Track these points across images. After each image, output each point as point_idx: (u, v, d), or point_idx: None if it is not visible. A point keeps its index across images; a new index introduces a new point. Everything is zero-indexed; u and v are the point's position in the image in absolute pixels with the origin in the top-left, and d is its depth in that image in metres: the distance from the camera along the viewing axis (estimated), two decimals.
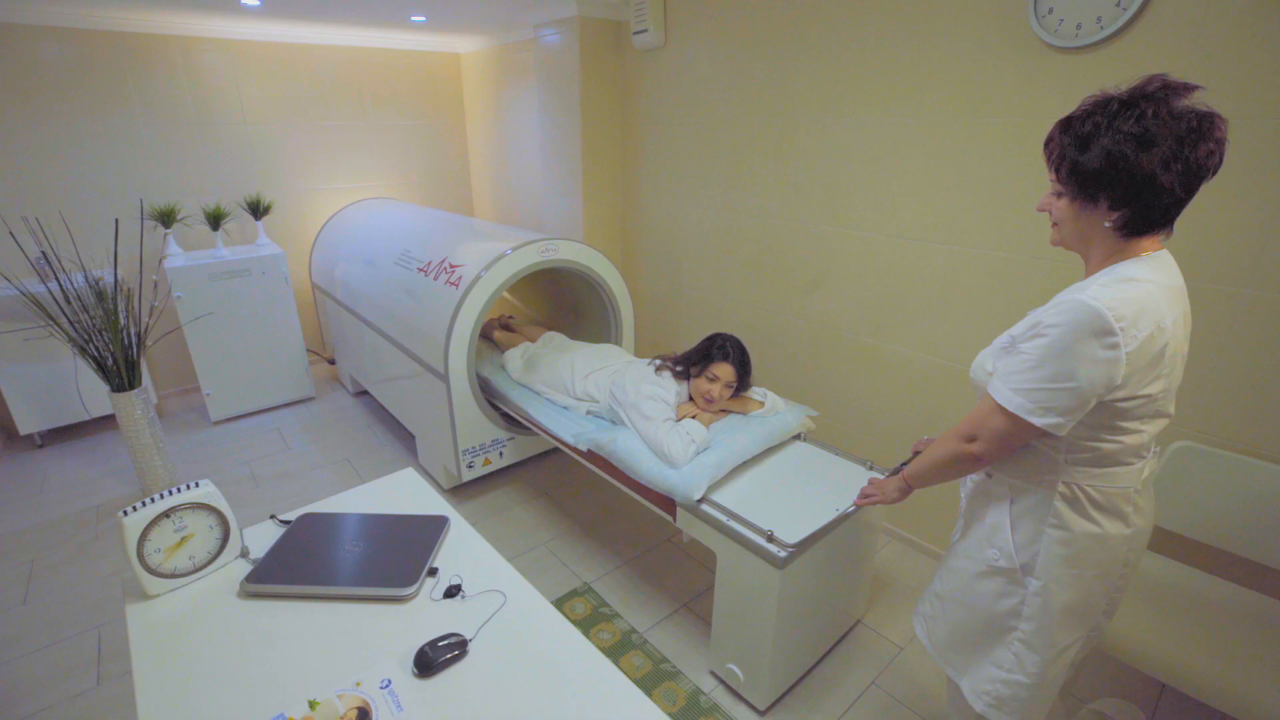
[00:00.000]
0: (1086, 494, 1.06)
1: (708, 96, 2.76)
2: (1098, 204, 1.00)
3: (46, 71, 3.07)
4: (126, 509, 1.12)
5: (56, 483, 2.93)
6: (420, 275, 2.67)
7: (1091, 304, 0.95)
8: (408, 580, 1.15)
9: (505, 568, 1.24)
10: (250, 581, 1.16)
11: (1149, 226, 1.00)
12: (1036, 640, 1.12)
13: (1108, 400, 0.98)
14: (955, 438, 1.14)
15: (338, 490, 2.84)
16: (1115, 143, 0.95)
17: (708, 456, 1.84)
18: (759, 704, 1.77)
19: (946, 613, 1.27)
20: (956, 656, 1.26)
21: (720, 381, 2.05)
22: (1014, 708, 1.16)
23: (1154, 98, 0.94)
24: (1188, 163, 0.93)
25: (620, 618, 2.12)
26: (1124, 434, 1.02)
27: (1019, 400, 1.02)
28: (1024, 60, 1.81)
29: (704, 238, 2.98)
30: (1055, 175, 1.06)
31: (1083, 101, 1.02)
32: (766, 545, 1.56)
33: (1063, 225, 1.08)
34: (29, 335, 2.97)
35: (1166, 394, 1.02)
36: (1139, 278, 0.98)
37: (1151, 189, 0.95)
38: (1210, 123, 0.93)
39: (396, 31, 3.69)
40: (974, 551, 1.19)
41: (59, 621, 2.13)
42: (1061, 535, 1.07)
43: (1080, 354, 0.95)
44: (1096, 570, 1.08)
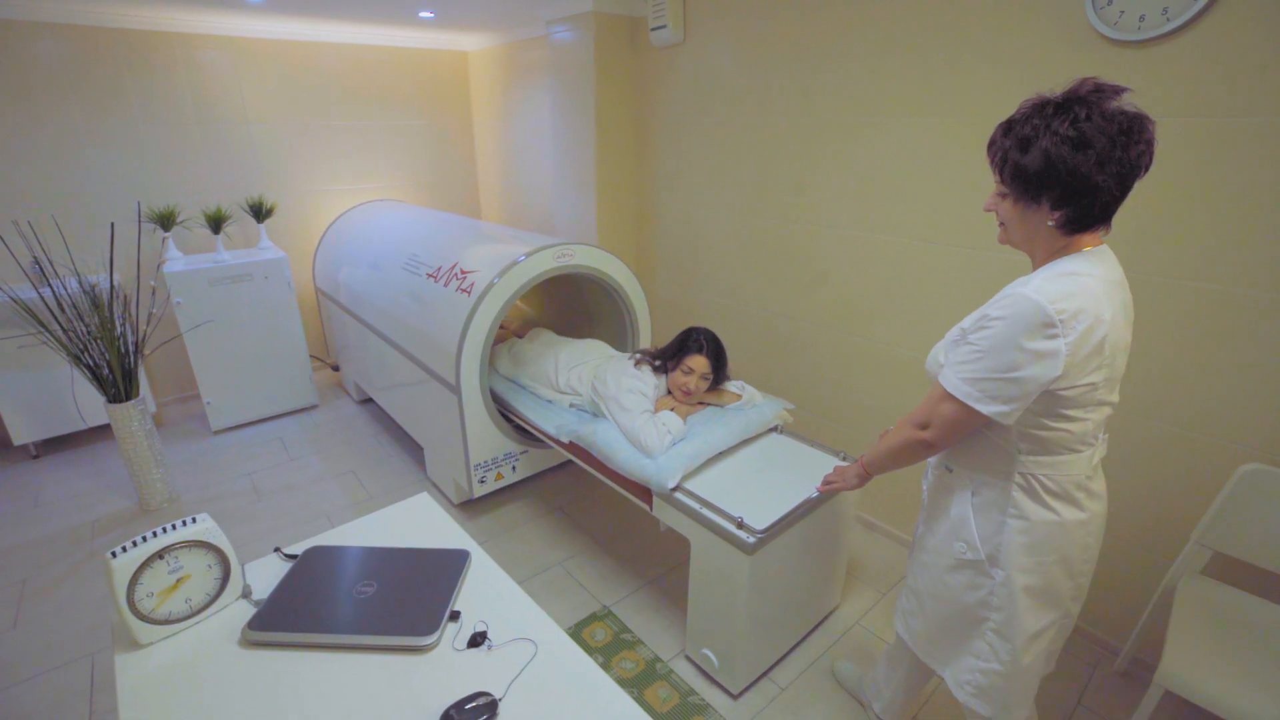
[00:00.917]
0: (1041, 483, 1.11)
1: (729, 95, 2.64)
2: (1040, 204, 1.05)
3: (40, 69, 2.96)
4: (115, 550, 1.01)
5: (51, 496, 2.82)
6: (430, 281, 2.55)
7: (1034, 297, 0.99)
8: (427, 627, 1.04)
9: (534, 610, 1.13)
10: (253, 629, 1.04)
11: (1088, 223, 1.04)
12: (1007, 628, 1.17)
13: (1052, 389, 1.03)
14: (909, 425, 1.19)
15: (342, 504, 2.74)
16: (1053, 145, 0.99)
17: (683, 447, 1.89)
18: (732, 688, 1.81)
19: (923, 608, 1.33)
20: (936, 650, 1.32)
21: (695, 374, 2.09)
22: (993, 696, 1.22)
23: (1086, 101, 0.99)
24: (1121, 163, 0.98)
25: (643, 644, 2.01)
26: (1070, 421, 1.07)
27: (966, 389, 1.07)
28: (1078, 55, 1.70)
29: (723, 241, 2.87)
30: (999, 177, 1.10)
31: (1021, 105, 1.06)
32: (736, 532, 1.61)
33: (1009, 225, 1.12)
34: (23, 342, 2.86)
35: (1109, 383, 1.07)
36: (1079, 272, 1.03)
37: (1089, 188, 0.99)
38: (1140, 124, 0.99)
39: (403, 29, 3.59)
40: (943, 546, 1.25)
41: (50, 648, 2.02)
42: (1022, 524, 1.13)
43: (1023, 345, 1.00)
44: (1057, 556, 1.13)
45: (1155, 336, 1.71)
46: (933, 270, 2.14)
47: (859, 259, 2.34)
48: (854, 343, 2.44)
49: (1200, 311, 1.64)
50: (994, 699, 1.22)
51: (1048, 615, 1.17)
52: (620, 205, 3.22)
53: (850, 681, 1.83)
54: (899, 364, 2.32)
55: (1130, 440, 1.81)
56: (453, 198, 4.48)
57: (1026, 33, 1.78)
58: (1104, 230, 1.08)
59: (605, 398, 2.12)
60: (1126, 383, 1.77)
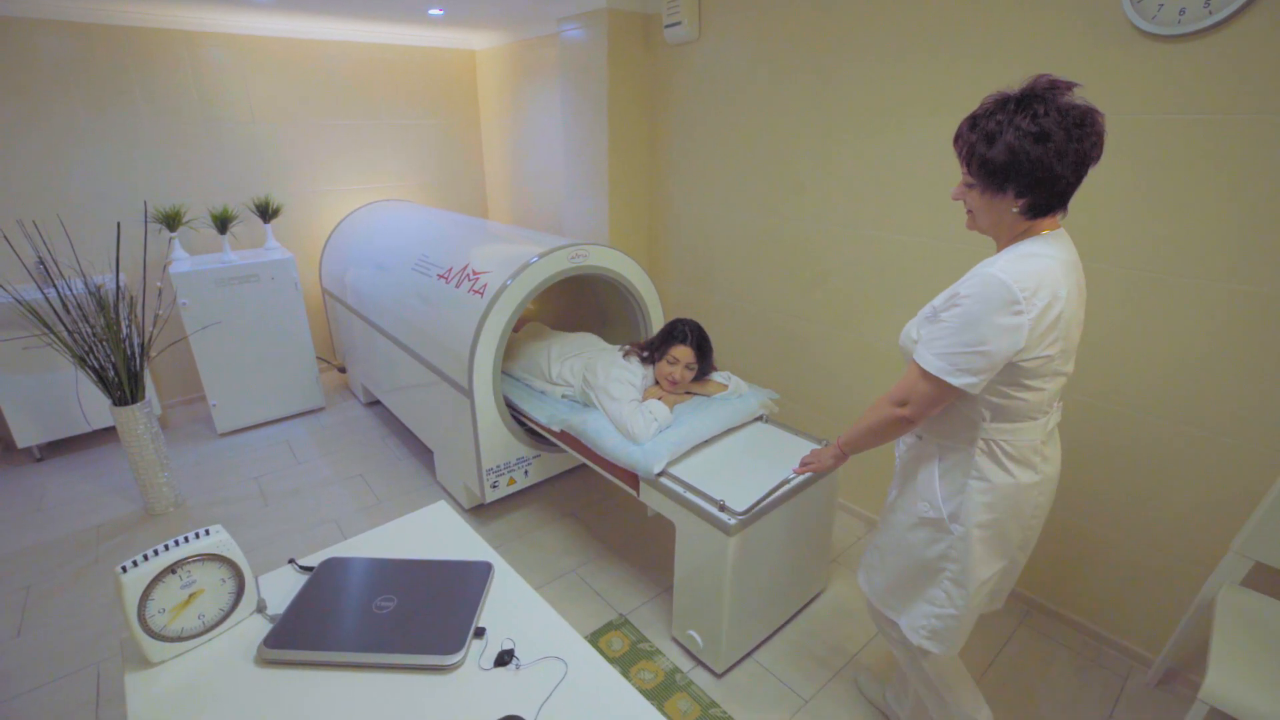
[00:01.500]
0: (1001, 448, 1.21)
1: (745, 93, 2.60)
2: (1005, 193, 1.13)
3: (45, 67, 2.92)
4: (125, 564, 0.96)
5: (55, 500, 2.77)
6: (441, 282, 2.51)
7: (1000, 276, 1.08)
8: (452, 645, 0.99)
9: (562, 626, 1.08)
10: (270, 646, 0.99)
11: (1048, 209, 1.14)
12: (963, 577, 1.27)
13: (1014, 361, 1.12)
14: (887, 403, 1.27)
15: (351, 509, 2.70)
16: (1016, 139, 1.07)
17: (669, 434, 1.95)
18: (716, 668, 1.86)
19: (885, 562, 1.43)
20: (894, 599, 1.42)
21: (680, 364, 2.15)
22: (945, 636, 1.33)
23: (1044, 97, 1.07)
24: (1077, 153, 1.07)
25: (662, 655, 1.96)
26: (1029, 391, 1.16)
27: (940, 364, 1.15)
28: (1113, 51, 1.65)
29: (738, 242, 2.82)
30: (966, 169, 1.17)
31: (984, 101, 1.14)
32: (718, 514, 1.66)
33: (977, 213, 1.21)
34: (27, 344, 2.82)
35: (1064, 354, 1.16)
36: (1039, 253, 1.12)
37: (1050, 177, 1.08)
38: (1091, 117, 1.08)
39: (411, 27, 3.54)
40: (908, 506, 1.35)
41: (55, 657, 1.97)
42: (982, 485, 1.22)
43: (991, 321, 1.09)
44: (1012, 514, 1.24)
45: (1192, 340, 1.66)
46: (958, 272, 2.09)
47: (879, 260, 2.29)
48: (876, 347, 2.39)
49: (1238, 314, 1.59)
50: (945, 638, 1.34)
51: (997, 563, 1.29)
52: (632, 205, 3.17)
53: (873, 693, 1.82)
54: None
55: (1167, 447, 1.76)
56: (460, 198, 4.44)
57: (1058, 28, 1.73)
58: (1061, 215, 1.17)
59: (595, 387, 2.18)
60: (1165, 389, 1.73)
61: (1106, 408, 1.85)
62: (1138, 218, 1.69)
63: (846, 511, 2.70)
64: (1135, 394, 1.79)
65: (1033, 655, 1.98)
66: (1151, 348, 1.74)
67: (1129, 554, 1.90)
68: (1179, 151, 1.60)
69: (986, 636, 2.05)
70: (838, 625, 2.10)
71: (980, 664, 1.95)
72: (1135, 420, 1.81)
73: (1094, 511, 1.95)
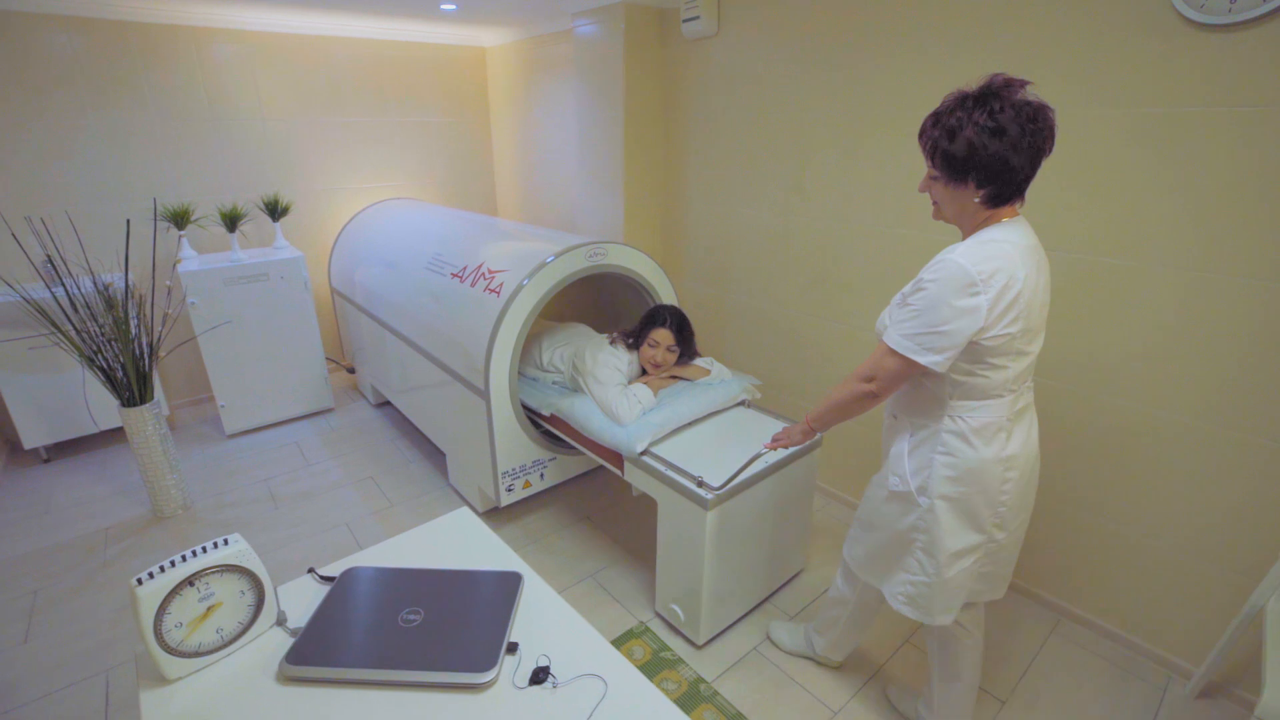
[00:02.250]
0: (968, 424, 1.28)
1: (764, 89, 2.54)
2: (966, 184, 1.21)
3: (53, 63, 2.88)
4: (140, 576, 0.91)
5: (62, 502, 2.73)
6: (455, 281, 2.46)
7: (959, 261, 1.17)
8: (484, 661, 0.94)
9: (598, 641, 1.03)
10: (292, 662, 0.94)
11: (1006, 198, 1.22)
12: (932, 547, 1.35)
13: (977, 340, 1.19)
14: (855, 380, 1.34)
15: (362, 512, 2.65)
16: (975, 134, 1.15)
17: (652, 416, 2.04)
18: (696, 640, 1.94)
19: (864, 534, 1.53)
20: (875, 568, 1.52)
21: (661, 346, 2.25)
22: (920, 603, 1.42)
23: (999, 94, 1.15)
24: (1030, 146, 1.15)
25: (684, 664, 1.90)
26: (993, 369, 1.24)
27: (906, 343, 1.23)
28: (1158, 41, 1.59)
29: (756, 241, 2.76)
30: (930, 162, 1.26)
31: (945, 99, 1.22)
32: (696, 489, 1.74)
33: (942, 204, 1.29)
34: (34, 344, 2.78)
35: (1026, 334, 1.23)
36: (998, 239, 1.19)
37: (1006, 169, 1.16)
38: (1043, 113, 1.16)
39: (422, 23, 3.49)
40: (881, 480, 1.46)
41: (63, 664, 1.93)
42: (948, 460, 1.30)
43: (952, 303, 1.17)
44: (977, 487, 1.30)
45: (1239, 343, 1.60)
46: None
47: (905, 261, 2.23)
48: None
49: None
50: (920, 605, 1.42)
51: (969, 538, 1.34)
52: (647, 203, 3.12)
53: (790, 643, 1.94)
54: None
55: (1213, 452, 1.70)
56: (469, 196, 4.39)
57: (1099, 18, 1.67)
58: (1019, 203, 1.25)
59: (583, 373, 2.24)
60: (1207, 392, 1.67)
61: (1142, 410, 1.79)
62: (1184, 217, 1.63)
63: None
64: (1175, 396, 1.73)
65: (1067, 665, 1.92)
66: (1195, 350, 1.68)
67: (1167, 560, 1.84)
68: (1225, 146, 1.54)
69: (1018, 645, 1.99)
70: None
71: (1013, 675, 1.89)
72: (1172, 422, 1.75)
73: (1129, 516, 1.89)
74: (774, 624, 2.01)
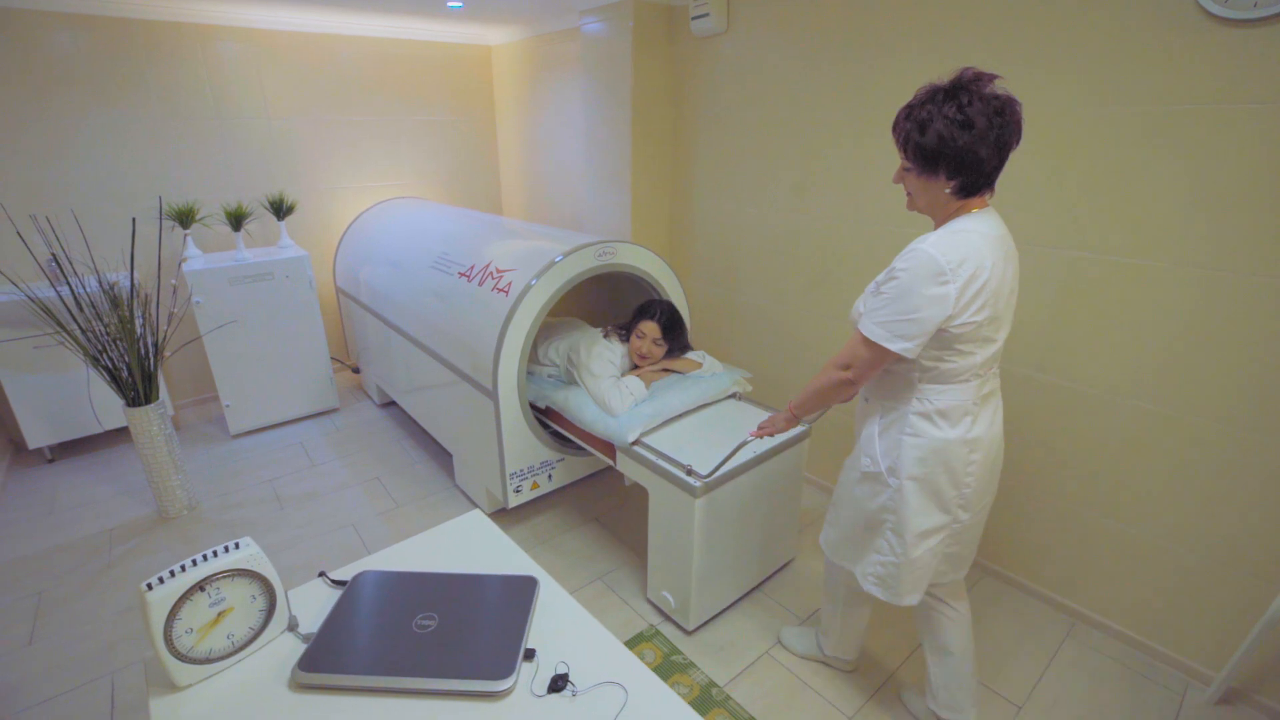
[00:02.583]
0: (935, 406, 1.33)
1: (775, 87, 2.52)
2: (937, 175, 1.25)
3: (57, 61, 2.86)
4: (150, 581, 0.89)
5: (66, 502, 2.71)
6: (463, 281, 2.44)
7: (929, 251, 1.20)
8: (501, 669, 0.92)
9: (616, 647, 1.00)
10: (304, 669, 0.92)
11: (976, 189, 1.26)
12: (900, 526, 1.40)
13: (946, 327, 1.23)
14: (832, 368, 1.39)
15: (368, 513, 2.63)
16: (945, 127, 1.19)
17: (644, 407, 2.09)
18: (687, 625, 1.98)
19: (838, 517, 1.58)
20: (847, 550, 1.56)
21: (648, 338, 2.30)
22: (891, 584, 1.46)
23: (969, 88, 1.19)
24: (998, 139, 1.19)
25: (696, 668, 1.88)
26: (960, 355, 1.28)
27: (879, 331, 1.27)
28: (1177, 36, 1.56)
29: (764, 241, 2.74)
30: (903, 154, 1.29)
31: (917, 92, 1.25)
32: (685, 478, 1.79)
33: (915, 195, 1.32)
34: (39, 343, 2.76)
35: (993, 322, 1.27)
36: (967, 229, 1.23)
37: (975, 160, 1.20)
38: (1011, 105, 1.20)
39: (427, 21, 3.47)
40: (853, 463, 1.50)
41: (68, 666, 1.91)
42: (915, 441, 1.35)
43: (921, 291, 1.21)
44: (942, 467, 1.35)
45: (1262, 342, 1.58)
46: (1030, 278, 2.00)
47: None
48: None
49: None
50: (889, 586, 1.46)
51: (935, 518, 1.39)
52: (654, 202, 3.10)
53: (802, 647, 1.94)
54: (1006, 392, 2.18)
55: (1232, 453, 1.68)
56: (474, 195, 4.37)
57: (1119, 13, 1.64)
58: (989, 194, 1.29)
59: (577, 365, 2.28)
60: (1226, 393, 1.64)
61: (1159, 411, 1.77)
62: (1204, 214, 1.61)
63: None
64: (1192, 397, 1.71)
65: (1083, 670, 1.90)
66: (1217, 350, 1.65)
67: (1185, 563, 1.81)
68: (1247, 142, 1.51)
69: (1032, 650, 1.96)
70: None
71: (1028, 679, 1.86)
72: (1189, 423, 1.72)
73: (1143, 517, 1.86)
74: (785, 629, 1.99)
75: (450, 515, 2.60)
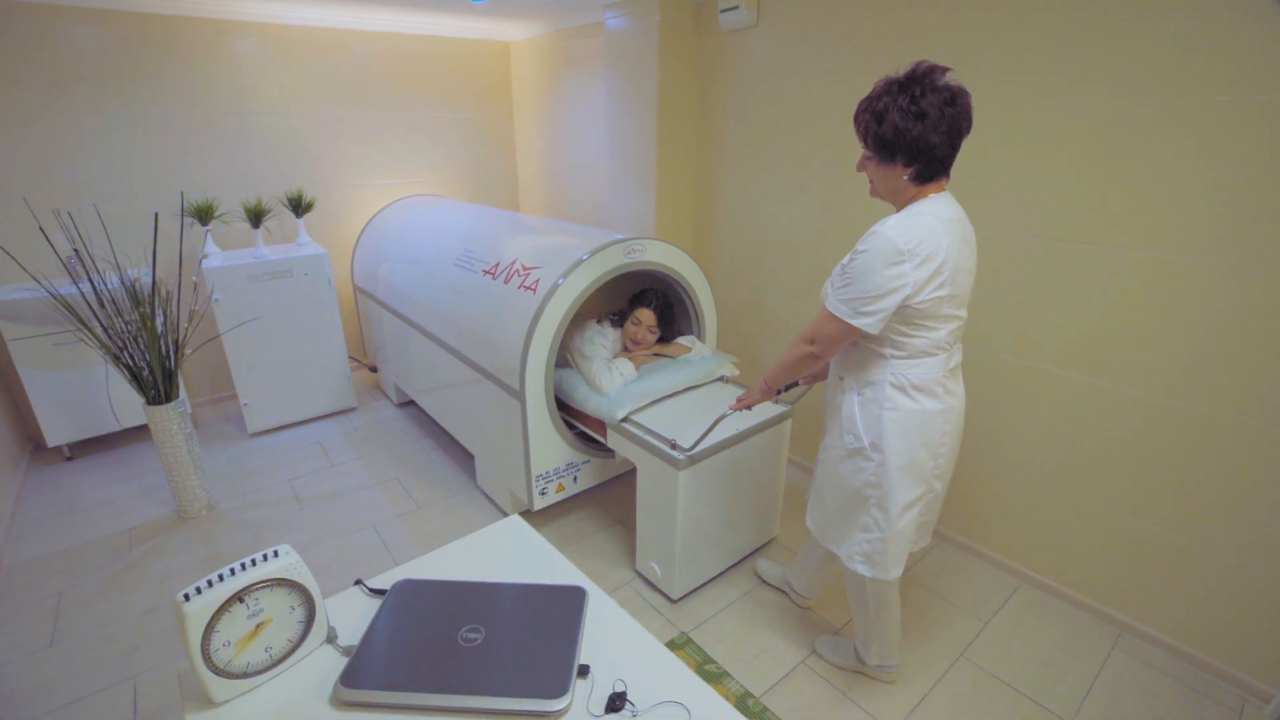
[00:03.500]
0: (909, 380, 1.42)
1: (805, 82, 2.45)
2: (895, 163, 1.33)
3: (78, 56, 2.83)
4: (187, 591, 0.84)
5: (86, 501, 2.68)
6: (487, 279, 2.39)
7: (888, 233, 1.29)
8: (555, 687, 0.87)
9: (673, 663, 0.95)
10: (347, 686, 0.87)
11: (932, 175, 1.34)
12: (885, 500, 1.48)
13: (907, 304, 1.32)
14: (799, 342, 1.49)
15: (389, 514, 2.58)
16: (899, 118, 1.28)
17: (633, 386, 2.19)
18: (672, 594, 2.08)
19: (822, 499, 1.65)
20: (833, 531, 1.63)
21: (643, 325, 2.43)
22: (878, 560, 1.54)
23: (922, 80, 1.27)
24: (950, 128, 1.28)
25: (730, 677, 1.83)
26: (925, 330, 1.38)
27: (843, 308, 1.36)
28: (1250, 25, 1.49)
29: (791, 239, 2.68)
30: (864, 144, 1.38)
31: (875, 85, 1.34)
32: (670, 451, 1.89)
33: (876, 182, 1.41)
34: (58, 340, 2.74)
35: (953, 299, 1.36)
36: (924, 212, 1.32)
37: (928, 148, 1.29)
38: (962, 97, 1.28)
39: (448, 16, 3.43)
40: (835, 443, 1.56)
41: (89, 669, 1.88)
42: (894, 415, 1.43)
43: (881, 270, 1.29)
44: (921, 439, 1.44)
45: None
46: (1046, 275, 1.94)
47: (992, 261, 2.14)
48: None
49: None
50: (877, 561, 1.54)
51: (916, 489, 1.48)
52: (679, 200, 3.04)
53: (772, 575, 2.15)
54: (1028, 379, 2.12)
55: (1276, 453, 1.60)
56: (492, 192, 4.33)
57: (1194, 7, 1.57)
58: (945, 180, 1.37)
59: (571, 349, 2.37)
60: None
61: (1210, 414, 1.69)
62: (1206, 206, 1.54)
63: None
64: (1249, 397, 1.63)
65: (1133, 685, 1.83)
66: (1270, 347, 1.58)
67: (1240, 573, 1.74)
68: None
69: (1078, 662, 1.89)
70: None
71: (1075, 694, 1.79)
72: (1240, 425, 1.65)
73: (1195, 522, 1.79)
74: (821, 639, 1.93)
75: (472, 517, 2.57)
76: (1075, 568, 2.08)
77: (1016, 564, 2.23)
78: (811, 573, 1.99)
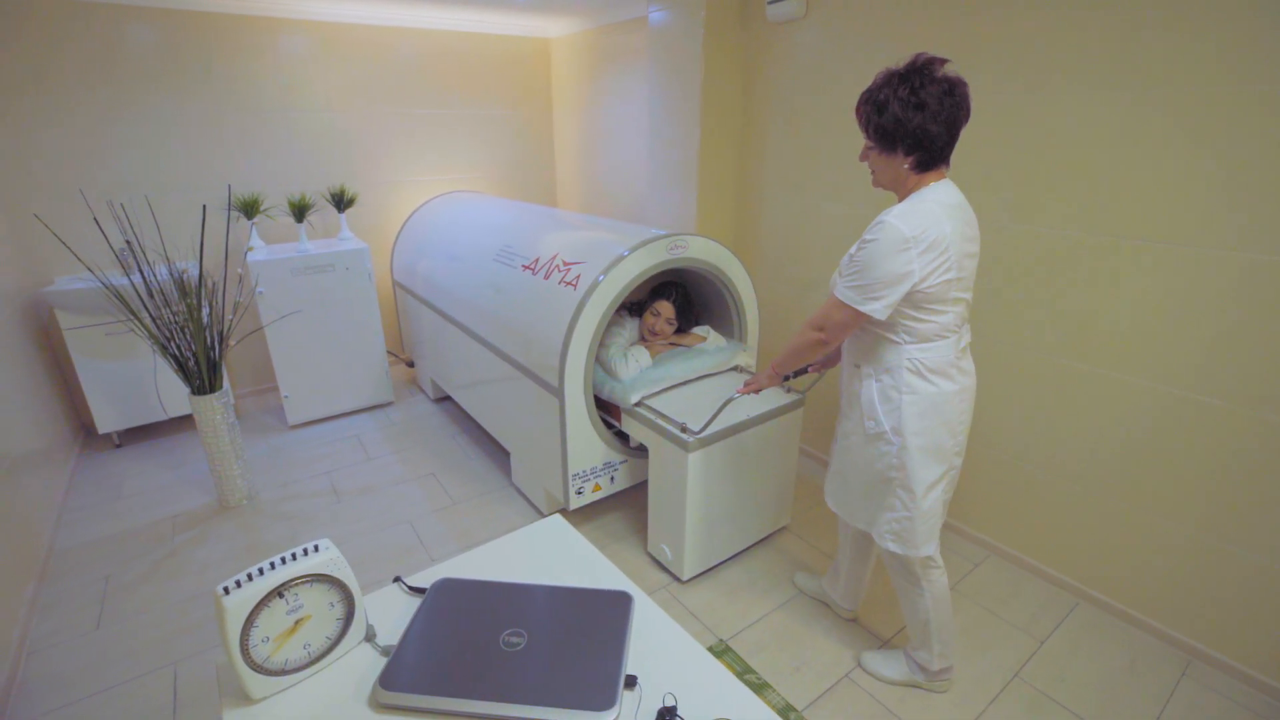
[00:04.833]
0: (925, 364, 1.44)
1: (855, 76, 2.37)
2: (896, 153, 1.37)
3: (132, 53, 2.91)
4: (226, 584, 0.82)
5: (132, 488, 2.74)
6: (526, 274, 2.37)
7: (894, 222, 1.33)
8: (602, 698, 0.82)
9: (725, 676, 0.90)
10: (387, 688, 0.84)
11: (932, 163, 1.37)
12: (909, 481, 1.51)
13: (914, 290, 1.35)
14: (808, 328, 1.53)
15: (425, 510, 2.58)
16: (899, 108, 1.31)
17: (648, 373, 2.23)
18: (682, 575, 2.13)
19: (847, 483, 1.67)
20: (863, 513, 1.65)
21: (662, 317, 2.45)
22: (908, 538, 1.56)
23: (921, 71, 1.30)
24: (949, 118, 1.31)
25: (772, 689, 1.76)
26: (935, 314, 1.41)
27: (852, 295, 1.40)
28: None
29: (840, 239, 2.59)
30: (866, 134, 1.41)
31: (876, 76, 1.36)
32: (680, 434, 1.92)
33: (879, 172, 1.44)
34: (110, 330, 2.81)
35: (959, 282, 1.39)
36: (926, 200, 1.35)
37: (928, 137, 1.32)
38: (960, 88, 1.31)
39: (488, 13, 3.43)
40: (856, 429, 1.58)
41: (132, 653, 1.90)
42: (913, 399, 1.46)
43: (889, 258, 1.33)
44: (940, 420, 1.47)
45: None
46: (1110, 274, 1.83)
47: (1014, 258, 2.04)
48: (1009, 362, 2.14)
49: None
50: (906, 539, 1.56)
51: (939, 468, 1.51)
52: (721, 197, 2.98)
53: (810, 588, 2.11)
54: (1098, 385, 2.01)
55: None
56: (530, 189, 4.32)
57: None
58: (945, 168, 1.40)
59: None
60: None
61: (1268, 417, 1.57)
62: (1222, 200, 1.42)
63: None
64: None
65: (1204, 716, 1.71)
66: None
67: None
68: None
69: (1145, 689, 1.78)
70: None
71: None
72: None
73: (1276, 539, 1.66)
74: (866, 654, 1.85)
75: (507, 515, 2.55)
76: (1138, 586, 1.96)
77: (1075, 580, 2.11)
78: (844, 582, 1.95)
